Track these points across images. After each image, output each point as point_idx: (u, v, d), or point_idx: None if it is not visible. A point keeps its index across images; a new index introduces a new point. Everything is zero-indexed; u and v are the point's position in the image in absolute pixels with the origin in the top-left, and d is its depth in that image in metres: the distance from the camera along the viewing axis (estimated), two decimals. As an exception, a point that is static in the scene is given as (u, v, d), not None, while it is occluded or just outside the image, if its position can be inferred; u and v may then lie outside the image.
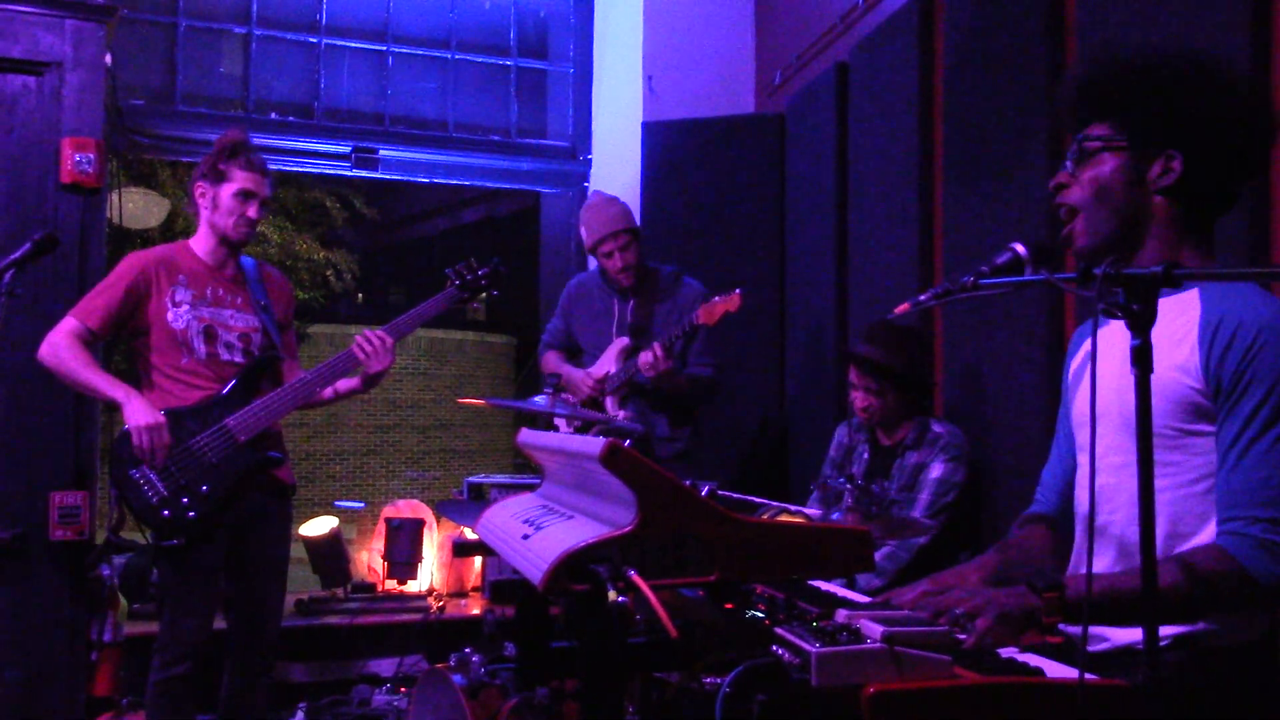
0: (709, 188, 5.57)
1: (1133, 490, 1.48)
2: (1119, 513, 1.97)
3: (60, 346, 3.42)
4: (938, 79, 4.10)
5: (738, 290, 4.04)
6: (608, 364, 4.42)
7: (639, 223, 5.62)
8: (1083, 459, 2.13)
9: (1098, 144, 1.97)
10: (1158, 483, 1.84)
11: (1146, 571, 1.43)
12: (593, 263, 4.79)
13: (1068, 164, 2.02)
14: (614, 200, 4.54)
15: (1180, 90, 1.90)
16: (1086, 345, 2.22)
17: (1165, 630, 1.81)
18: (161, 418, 3.36)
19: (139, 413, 3.34)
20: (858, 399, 3.64)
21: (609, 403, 4.36)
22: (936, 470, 3.48)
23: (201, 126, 5.94)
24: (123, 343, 3.57)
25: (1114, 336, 2.03)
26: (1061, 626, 1.89)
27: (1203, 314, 1.87)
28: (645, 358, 4.12)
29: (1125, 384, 1.51)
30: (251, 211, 3.59)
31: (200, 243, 3.64)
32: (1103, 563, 1.99)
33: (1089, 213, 1.97)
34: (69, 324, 3.45)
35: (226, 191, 3.56)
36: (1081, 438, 2.14)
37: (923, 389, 3.65)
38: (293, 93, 6.30)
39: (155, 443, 3.33)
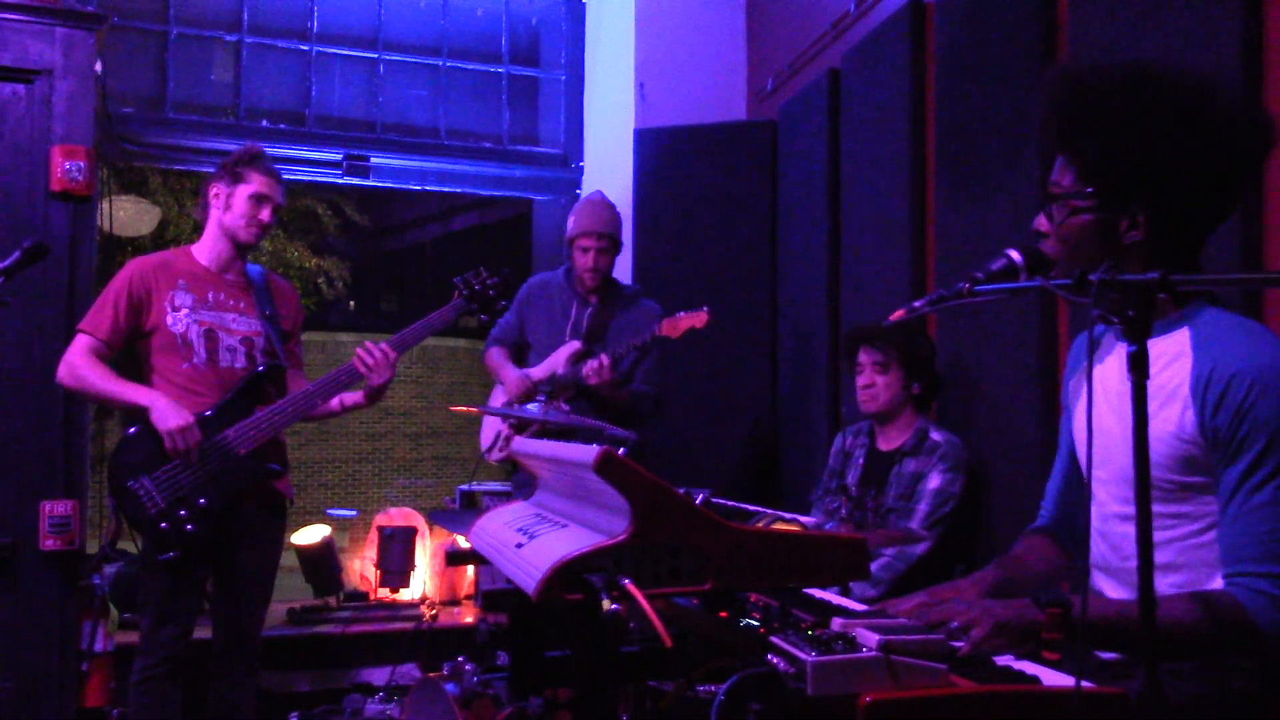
0: (701, 195, 5.56)
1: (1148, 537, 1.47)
2: (1135, 560, 1.96)
3: (77, 366, 3.44)
4: (930, 85, 4.11)
5: (705, 308, 4.06)
6: (555, 365, 4.41)
7: (631, 229, 5.65)
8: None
9: (1064, 201, 1.92)
10: (1169, 534, 1.84)
11: (1144, 585, 1.42)
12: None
13: (1047, 214, 1.97)
14: (612, 205, 4.61)
15: (1147, 142, 1.82)
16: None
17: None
18: (189, 417, 3.35)
19: (167, 415, 3.33)
20: (860, 381, 3.65)
21: (537, 404, 4.33)
22: (935, 480, 3.48)
23: (192, 134, 5.94)
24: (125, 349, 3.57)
25: (1109, 377, 2.01)
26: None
27: (1194, 365, 1.84)
28: (591, 364, 4.16)
29: (1128, 430, 1.49)
30: (264, 215, 3.64)
31: (204, 247, 3.66)
32: None
33: (1064, 264, 1.92)
34: (81, 341, 3.47)
35: (242, 193, 3.61)
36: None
37: (927, 375, 3.65)
38: (284, 100, 6.29)
39: (188, 442, 3.33)
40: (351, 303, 22.62)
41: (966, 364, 3.79)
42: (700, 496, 1.97)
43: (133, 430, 3.43)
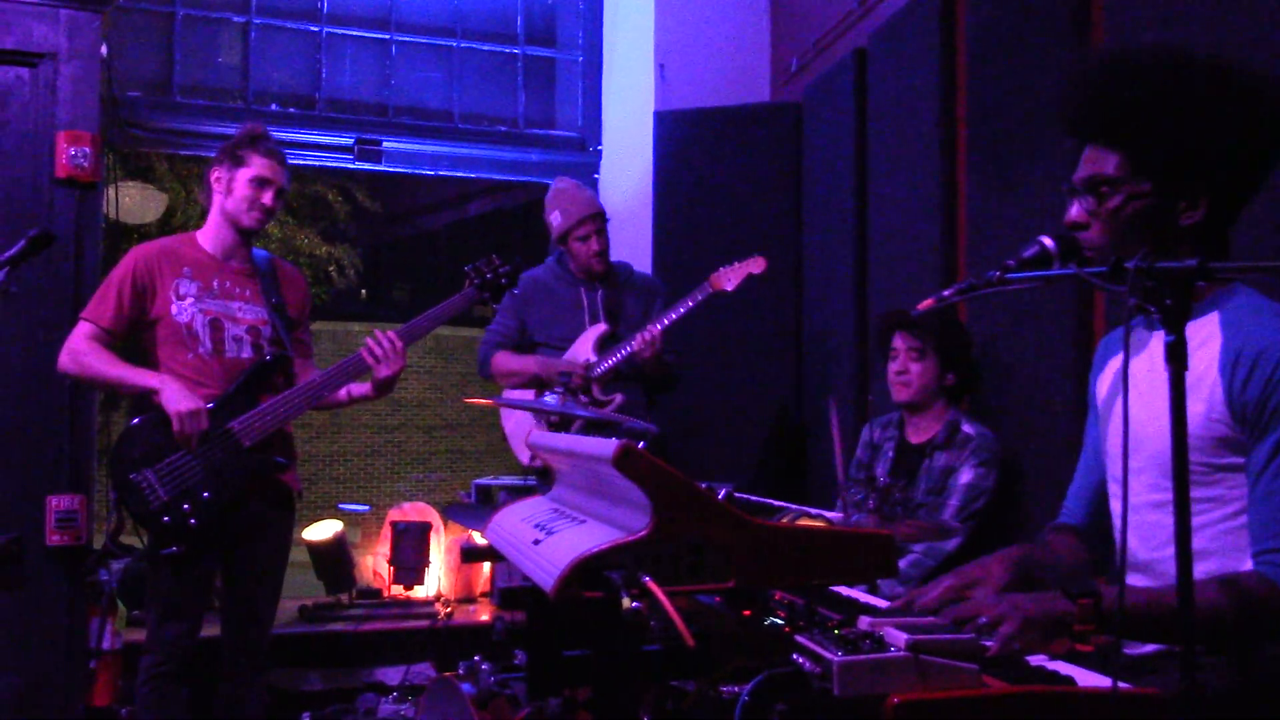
0: (723, 179, 5.56)
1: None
2: (1167, 548, 1.96)
3: (79, 352, 3.45)
4: (960, 65, 4.09)
5: (758, 254, 4.07)
6: (584, 352, 4.44)
7: (650, 215, 5.66)
8: (1115, 489, 2.11)
9: (1117, 195, 1.92)
10: (1201, 519, 1.84)
11: (1182, 573, 1.42)
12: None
13: (1081, 203, 1.97)
14: (583, 186, 4.68)
15: (1208, 124, 1.85)
16: (1115, 362, 2.21)
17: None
18: (200, 403, 3.37)
19: (176, 397, 3.35)
20: (893, 367, 3.65)
21: (595, 390, 4.36)
22: (966, 475, 3.47)
23: (200, 118, 5.96)
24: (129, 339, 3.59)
25: (1143, 364, 2.02)
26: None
27: (1223, 344, 1.87)
28: (644, 335, 4.20)
29: (1161, 416, 1.49)
30: (267, 199, 3.62)
31: (208, 233, 3.66)
32: None
33: (1111, 251, 1.90)
34: (83, 328, 3.48)
35: (243, 176, 3.60)
36: (1114, 469, 2.13)
37: (962, 367, 3.64)
38: (294, 83, 6.31)
39: (191, 429, 3.35)
40: (363, 291, 22.68)
41: (999, 354, 3.78)
42: (723, 491, 1.97)
43: (136, 421, 3.45)
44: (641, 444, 1.49)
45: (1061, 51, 3.47)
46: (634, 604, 1.44)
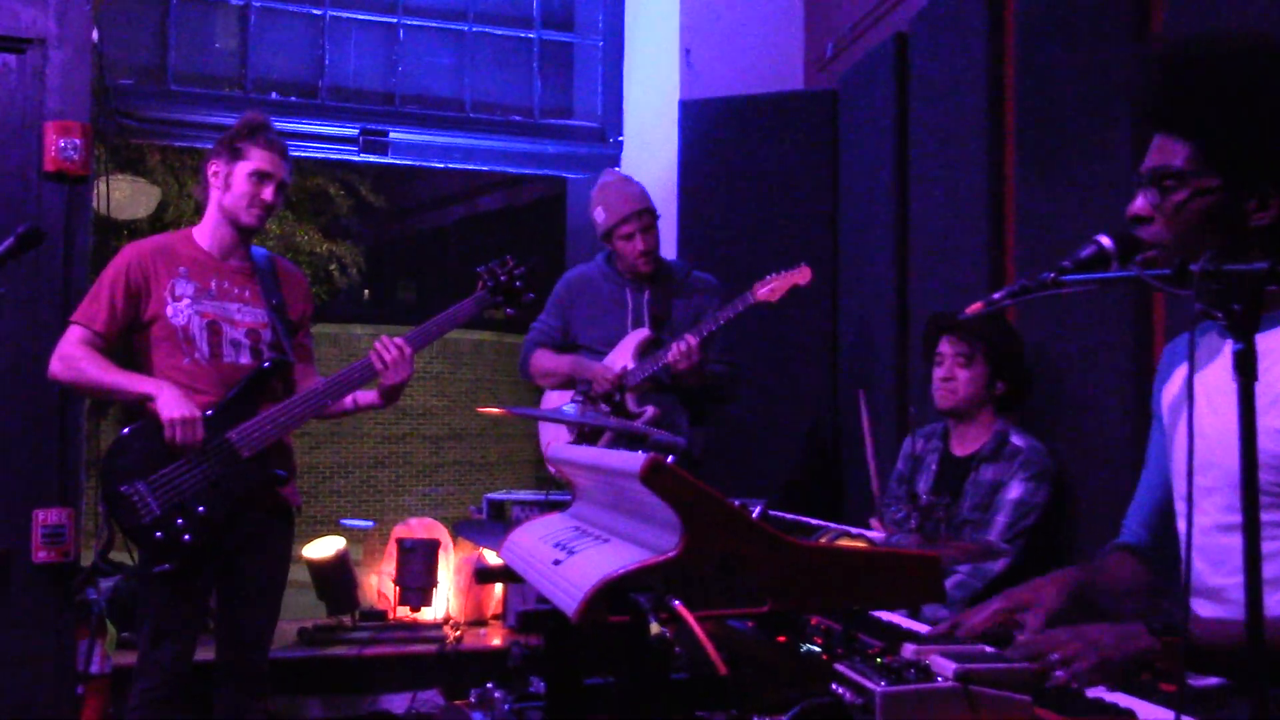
0: (754, 172, 5.56)
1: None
2: (1238, 575, 1.95)
3: (72, 358, 3.47)
4: (1009, 49, 4.08)
5: (804, 263, 4.03)
6: (622, 359, 4.41)
7: (675, 211, 5.65)
8: (1182, 508, 2.10)
9: (1183, 190, 1.91)
10: (1274, 544, 1.82)
11: (1251, 602, 1.41)
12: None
13: (1147, 195, 1.96)
14: (630, 179, 4.62)
15: (1276, 124, 1.84)
16: (1182, 371, 2.19)
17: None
18: (196, 411, 3.37)
19: (172, 404, 3.35)
20: (939, 373, 3.64)
21: (629, 400, 4.35)
22: (1015, 490, 3.46)
23: (196, 108, 5.99)
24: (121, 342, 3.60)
25: (1211, 378, 2.01)
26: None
27: None
28: (679, 346, 4.15)
29: (1232, 434, 1.48)
30: (267, 194, 3.62)
31: (205, 230, 3.67)
32: None
33: (1174, 251, 1.90)
34: (75, 332, 3.50)
35: (241, 171, 3.60)
36: (1181, 487, 2.12)
37: (1013, 375, 3.63)
38: (295, 70, 6.34)
39: (186, 439, 3.36)
40: (366, 291, 22.79)
41: (1050, 360, 3.76)
42: (757, 509, 1.97)
43: (127, 430, 3.46)
44: (670, 458, 1.49)
45: (1120, 34, 3.46)
46: (661, 629, 1.44)
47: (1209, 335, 2.09)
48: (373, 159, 6.47)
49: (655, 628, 1.42)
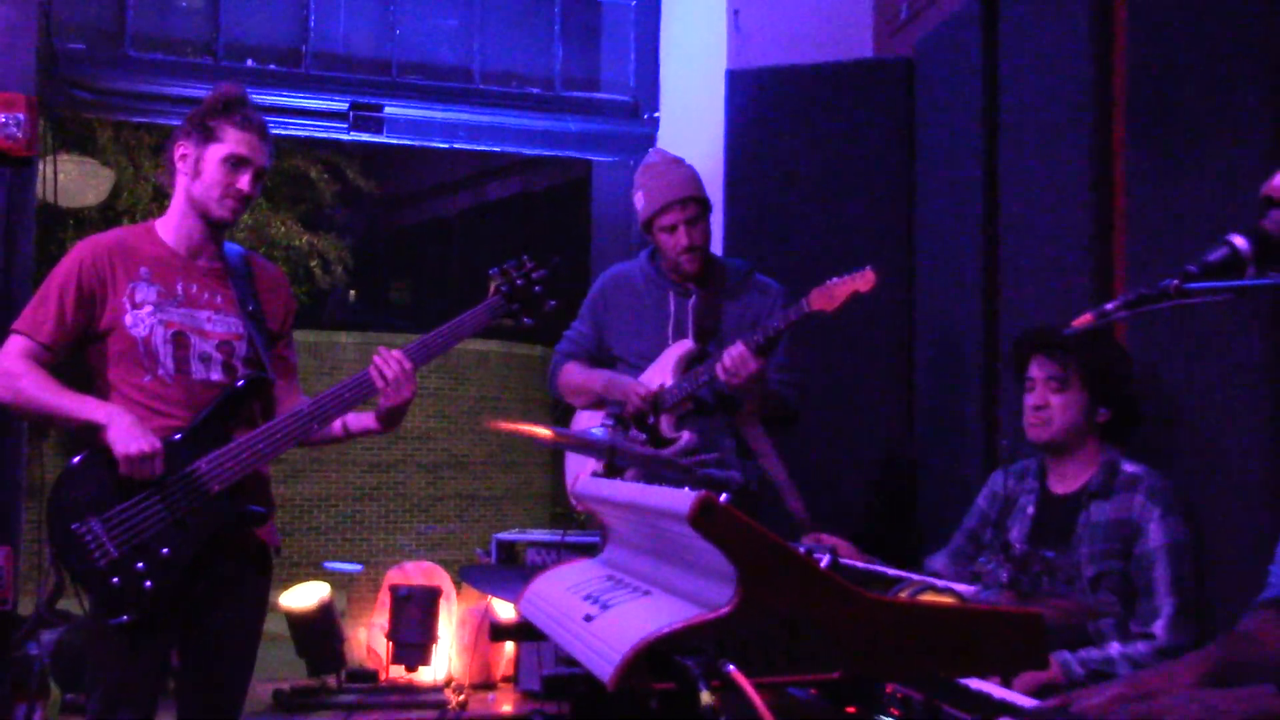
0: (813, 154, 5.57)
1: None
2: None
3: (13, 374, 3.42)
4: (1119, 13, 4.07)
5: (869, 267, 3.98)
6: (661, 374, 4.34)
7: (720, 199, 5.62)
8: None
9: None
10: None
11: None
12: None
13: None
14: (681, 161, 4.50)
15: None
16: None
17: None
18: (156, 443, 3.32)
19: (126, 437, 3.30)
20: (1030, 400, 3.61)
21: (664, 423, 4.29)
22: (1157, 534, 3.35)
23: (158, 77, 6.03)
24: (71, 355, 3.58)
25: None
26: None
27: None
28: (726, 360, 4.02)
29: None
30: (243, 183, 3.56)
31: (170, 224, 3.64)
32: None
33: None
34: (16, 344, 3.45)
35: (213, 155, 3.55)
36: None
37: (1118, 399, 3.60)
38: (275, 34, 6.37)
39: (143, 476, 3.32)
40: (353, 292, 22.88)
41: (1166, 381, 3.75)
42: (826, 558, 1.97)
43: (77, 460, 3.42)
44: (724, 496, 1.50)
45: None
46: (713, 698, 1.45)
47: None
48: (365, 137, 6.50)
49: (706, 697, 1.42)
